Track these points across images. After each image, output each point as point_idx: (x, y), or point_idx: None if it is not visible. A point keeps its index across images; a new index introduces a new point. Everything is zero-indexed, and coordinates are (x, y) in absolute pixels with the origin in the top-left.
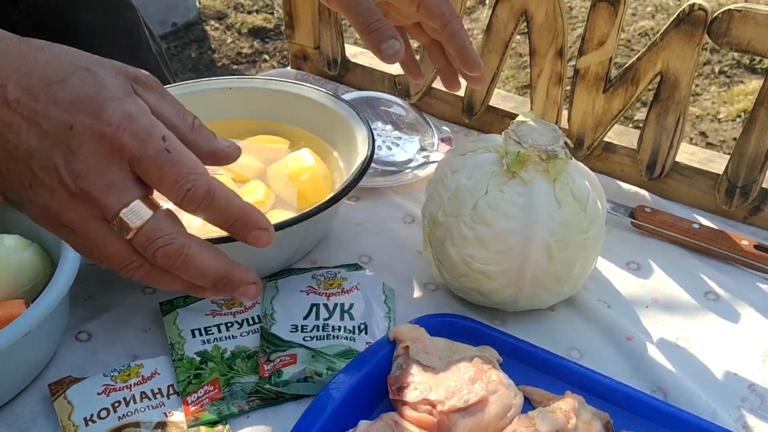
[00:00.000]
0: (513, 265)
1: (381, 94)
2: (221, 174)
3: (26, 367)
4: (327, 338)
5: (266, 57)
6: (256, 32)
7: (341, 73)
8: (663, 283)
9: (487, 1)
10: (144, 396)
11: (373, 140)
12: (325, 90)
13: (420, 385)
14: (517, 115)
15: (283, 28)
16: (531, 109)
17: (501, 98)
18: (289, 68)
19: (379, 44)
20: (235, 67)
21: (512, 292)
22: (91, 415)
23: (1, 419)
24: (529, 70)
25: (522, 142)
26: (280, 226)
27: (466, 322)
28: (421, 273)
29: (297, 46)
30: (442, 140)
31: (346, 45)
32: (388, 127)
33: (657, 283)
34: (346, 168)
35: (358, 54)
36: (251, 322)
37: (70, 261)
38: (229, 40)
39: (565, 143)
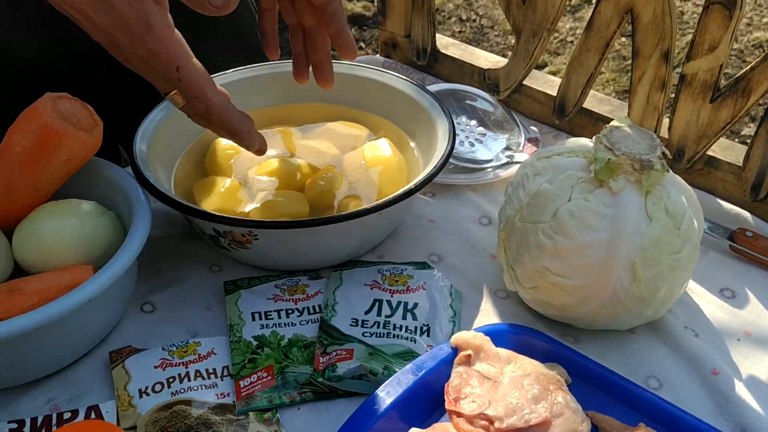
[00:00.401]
0: (592, 280)
1: (469, 87)
2: (299, 161)
3: (89, 333)
4: (387, 336)
5: (362, 44)
6: (355, 19)
7: (430, 63)
8: (759, 315)
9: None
10: (198, 375)
11: (454, 135)
12: (409, 79)
13: (478, 398)
14: (612, 120)
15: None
16: (628, 114)
17: (596, 101)
18: (378, 56)
19: None
20: (332, 52)
21: (589, 310)
22: (146, 388)
23: (61, 382)
24: (630, 74)
25: (614, 148)
26: (350, 216)
27: (535, 336)
28: (492, 278)
29: (387, 34)
30: (529, 140)
31: (437, 35)
32: (473, 122)
33: (752, 314)
34: (423, 161)
35: (449, 45)
36: (312, 310)
37: (139, 231)
38: None
39: (663, 154)
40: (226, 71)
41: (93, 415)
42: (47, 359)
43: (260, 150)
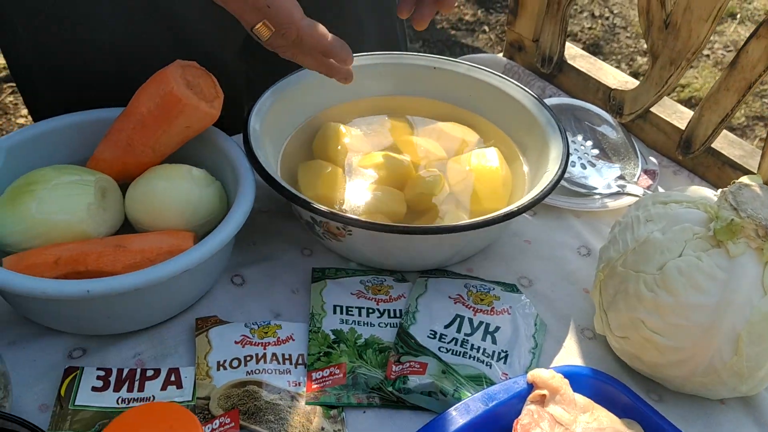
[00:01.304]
0: (689, 345)
1: (590, 106)
2: (404, 157)
3: (182, 298)
4: (463, 356)
5: (486, 28)
6: (483, 1)
7: (554, 72)
8: None
9: (738, 16)
10: (274, 358)
11: (567, 159)
12: (530, 92)
13: None
14: (741, 167)
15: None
16: (759, 166)
17: (727, 142)
18: (500, 56)
19: None
20: (452, 32)
21: (680, 374)
22: (224, 362)
23: (148, 339)
24: None
25: (740, 209)
26: (445, 230)
27: (617, 387)
28: (581, 315)
29: (515, 35)
30: (646, 172)
31: (566, 44)
32: (589, 143)
33: None
34: (530, 178)
35: (577, 56)
36: (392, 314)
37: (243, 208)
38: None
39: None
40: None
41: (173, 377)
42: (140, 316)
43: (347, 78)
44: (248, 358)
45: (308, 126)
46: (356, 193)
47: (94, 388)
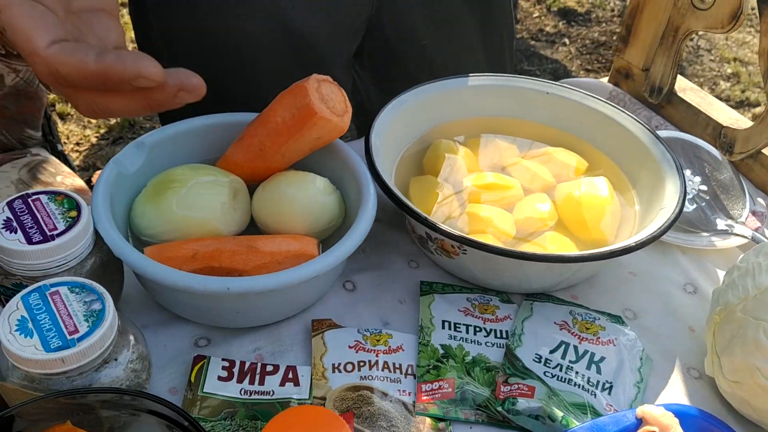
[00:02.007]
0: None
1: (699, 141)
2: (512, 180)
3: (303, 300)
4: (568, 382)
5: (566, 41)
6: (565, 13)
7: (662, 103)
8: None
9: None
10: (386, 366)
11: (684, 195)
12: (645, 124)
13: None
14: None
15: (594, 15)
16: None
17: None
18: (605, 81)
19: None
20: (532, 42)
21: None
22: (339, 364)
23: (267, 336)
24: None
25: None
26: (557, 259)
27: (725, 431)
28: (686, 353)
29: (623, 62)
30: (753, 213)
31: (678, 77)
32: (697, 179)
33: None
34: (642, 213)
35: (687, 89)
36: (498, 335)
37: (366, 219)
38: (535, 14)
39: None
40: (465, 75)
41: (290, 375)
42: (263, 314)
43: (154, 70)
44: (362, 364)
45: (421, 141)
46: (466, 212)
47: (219, 378)
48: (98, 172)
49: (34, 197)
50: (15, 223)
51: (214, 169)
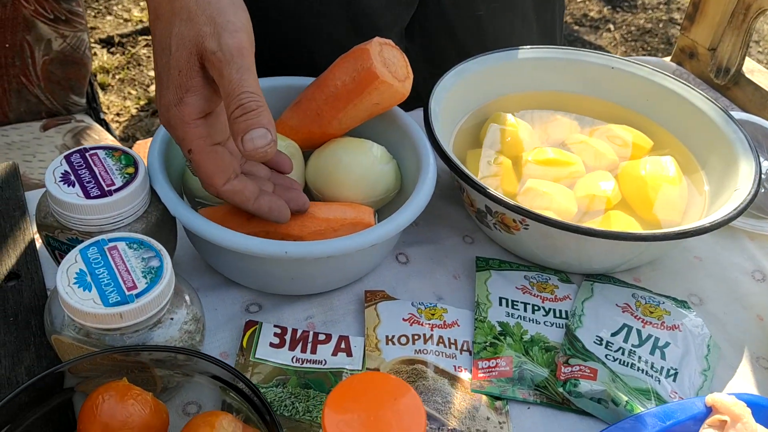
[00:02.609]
0: None
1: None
2: (574, 156)
3: (357, 269)
4: (630, 367)
5: (611, 27)
6: None
7: (728, 85)
8: None
9: None
10: (441, 341)
11: (760, 178)
12: (718, 103)
13: None
14: None
15: (640, 1)
16: None
17: None
18: (667, 60)
19: (243, 131)
20: (575, 27)
21: None
22: (393, 337)
23: (319, 304)
24: None
25: None
26: (628, 237)
27: None
28: (755, 343)
29: (688, 41)
30: None
31: (747, 57)
32: (765, 163)
33: None
34: (712, 195)
35: (755, 71)
36: (557, 314)
37: (426, 189)
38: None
39: None
40: (523, 47)
41: (343, 345)
42: (317, 282)
43: (286, 218)
44: (416, 337)
45: (477, 114)
46: (525, 187)
47: (271, 344)
48: (138, 142)
49: (92, 152)
50: (73, 177)
51: None
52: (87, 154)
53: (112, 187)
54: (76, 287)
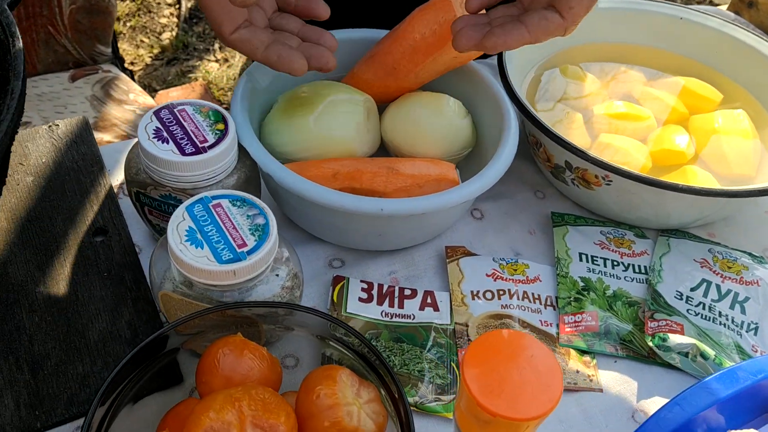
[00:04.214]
0: None
1: None
2: (645, 110)
3: (438, 225)
4: (713, 321)
5: None
6: None
7: None
8: None
9: None
10: (525, 296)
11: None
12: None
13: None
14: None
15: None
16: None
17: None
18: (725, 9)
19: None
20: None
21: None
22: (477, 292)
23: (401, 260)
24: None
25: None
26: (695, 191)
27: None
28: None
29: None
30: None
31: None
32: None
33: None
34: None
35: None
36: (636, 269)
37: (511, 144)
38: None
39: None
40: None
41: (429, 300)
42: (401, 238)
43: (299, 69)
44: (501, 292)
45: (544, 66)
46: (598, 141)
47: (360, 299)
48: (160, 92)
49: (180, 108)
50: (165, 133)
51: (345, 86)
52: (175, 110)
53: (206, 144)
54: (189, 245)
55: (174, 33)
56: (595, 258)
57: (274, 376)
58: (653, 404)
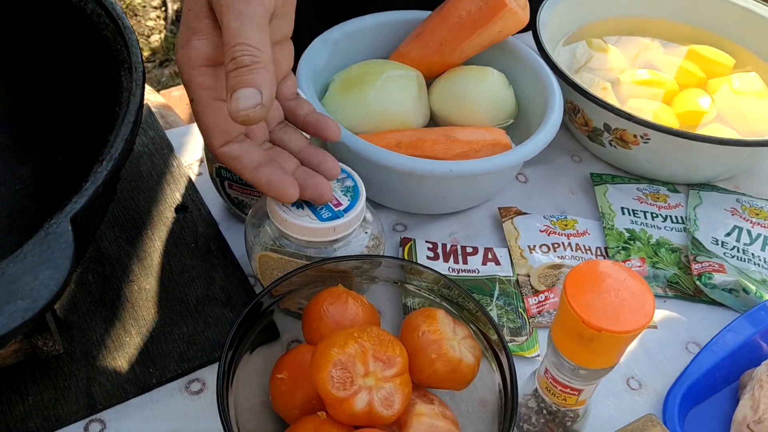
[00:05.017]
0: None
1: None
2: (666, 76)
3: (492, 188)
4: (747, 262)
5: None
6: None
7: None
8: None
9: None
10: (578, 247)
11: None
12: None
13: None
14: None
15: None
16: None
17: None
18: None
19: (232, 88)
20: None
21: None
22: (534, 246)
23: (458, 221)
24: None
25: None
26: (727, 142)
27: None
28: None
29: None
30: None
31: None
32: None
33: None
34: None
35: None
36: (674, 220)
37: (557, 108)
38: None
39: None
40: None
41: (490, 255)
42: (460, 200)
43: (289, 198)
44: (555, 245)
45: (568, 40)
46: (627, 105)
47: (428, 257)
48: (162, 93)
49: None
50: None
51: (397, 63)
52: None
53: None
54: (290, 206)
55: (162, 35)
56: (635, 211)
57: (375, 321)
58: (703, 337)
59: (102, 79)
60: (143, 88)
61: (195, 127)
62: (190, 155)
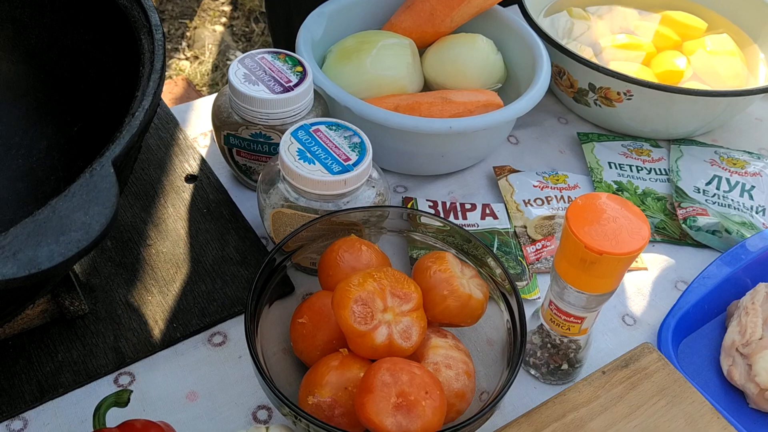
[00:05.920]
0: None
1: None
2: (644, 40)
3: (485, 148)
4: (727, 207)
5: None
6: None
7: None
8: None
9: None
10: (570, 200)
11: None
12: None
13: None
14: None
15: None
16: None
17: None
18: None
19: None
20: None
21: None
22: (529, 200)
23: (456, 181)
24: None
25: None
26: (707, 93)
27: None
28: None
29: None
30: None
31: None
32: None
33: None
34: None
35: None
36: (658, 172)
37: (546, 69)
38: None
39: None
40: None
41: (488, 210)
42: (458, 158)
43: None
44: (549, 199)
45: (551, 10)
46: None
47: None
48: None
49: (260, 56)
50: (254, 78)
51: (391, 33)
52: (257, 58)
53: (291, 83)
54: (302, 162)
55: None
56: (621, 165)
57: (387, 266)
58: (690, 276)
59: (120, 47)
60: (164, 47)
61: (197, 103)
62: (194, 129)
